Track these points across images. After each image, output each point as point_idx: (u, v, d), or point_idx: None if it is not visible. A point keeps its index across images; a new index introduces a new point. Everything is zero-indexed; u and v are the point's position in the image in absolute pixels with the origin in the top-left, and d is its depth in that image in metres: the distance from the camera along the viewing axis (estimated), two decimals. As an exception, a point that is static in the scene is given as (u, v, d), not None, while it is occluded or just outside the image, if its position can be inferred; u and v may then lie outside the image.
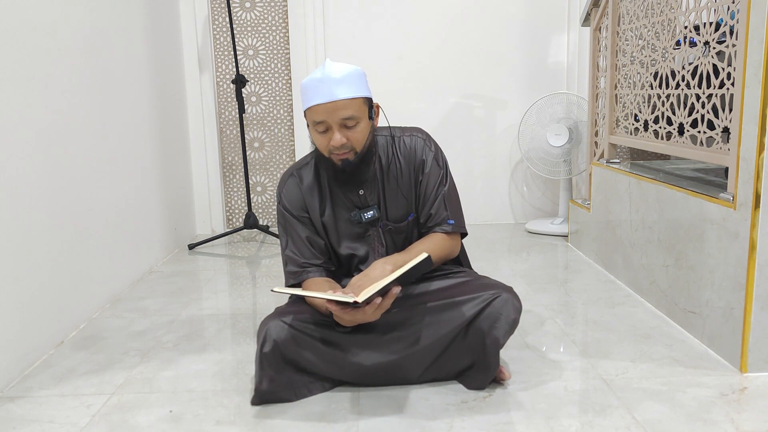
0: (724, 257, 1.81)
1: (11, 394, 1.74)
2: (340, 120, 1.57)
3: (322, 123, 1.58)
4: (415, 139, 1.75)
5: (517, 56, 3.62)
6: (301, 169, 1.77)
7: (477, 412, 1.57)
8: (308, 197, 1.74)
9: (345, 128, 1.59)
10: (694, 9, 2.10)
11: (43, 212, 2.01)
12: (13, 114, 1.86)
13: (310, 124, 1.62)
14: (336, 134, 1.58)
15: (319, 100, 1.55)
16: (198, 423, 1.56)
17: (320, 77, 1.56)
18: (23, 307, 1.88)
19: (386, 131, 1.77)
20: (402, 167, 1.74)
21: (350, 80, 1.57)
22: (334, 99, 1.55)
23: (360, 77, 1.60)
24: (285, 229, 1.77)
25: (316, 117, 1.58)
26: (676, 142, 2.23)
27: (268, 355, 1.61)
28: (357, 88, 1.58)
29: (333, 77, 1.55)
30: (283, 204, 1.76)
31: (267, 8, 3.57)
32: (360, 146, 1.63)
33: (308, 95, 1.58)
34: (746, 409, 1.57)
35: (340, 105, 1.55)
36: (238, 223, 3.76)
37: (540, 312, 2.27)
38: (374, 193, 1.74)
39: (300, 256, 1.74)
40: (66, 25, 2.21)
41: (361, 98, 1.59)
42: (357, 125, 1.60)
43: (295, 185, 1.76)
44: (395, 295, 1.50)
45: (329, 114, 1.56)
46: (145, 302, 2.49)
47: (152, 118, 3.01)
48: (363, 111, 1.61)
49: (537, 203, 3.78)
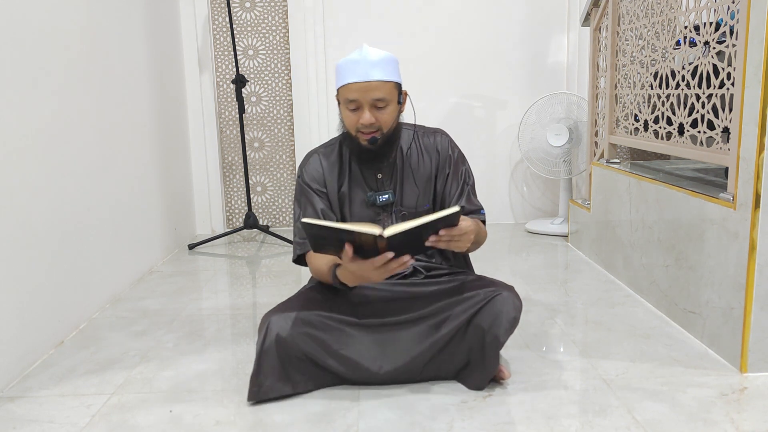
0: (724, 257, 1.81)
1: (11, 394, 1.74)
2: (371, 100, 1.65)
3: (355, 101, 1.66)
4: (442, 137, 1.84)
5: (517, 56, 3.62)
6: (325, 148, 1.85)
7: (477, 412, 1.57)
8: (328, 174, 1.80)
9: (375, 108, 1.67)
10: (694, 9, 2.10)
11: (43, 212, 2.01)
12: (13, 114, 1.86)
13: (342, 102, 1.70)
14: (366, 113, 1.66)
15: (354, 78, 1.64)
16: (198, 423, 1.56)
17: (357, 58, 1.65)
18: (23, 307, 1.88)
19: (411, 126, 1.84)
20: (423, 160, 1.81)
21: (385, 64, 1.66)
22: (368, 79, 1.64)
23: (394, 63, 1.70)
24: (300, 202, 1.82)
25: (349, 95, 1.66)
26: (676, 142, 2.23)
27: (270, 348, 1.62)
28: (390, 73, 1.67)
29: (369, 59, 1.64)
30: (303, 177, 1.82)
31: (267, 8, 3.57)
32: (387, 127, 1.70)
33: (344, 74, 1.67)
34: (746, 409, 1.57)
35: (373, 86, 1.64)
36: (238, 223, 3.76)
37: (540, 312, 2.27)
38: (391, 179, 1.80)
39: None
40: (66, 25, 2.21)
41: (392, 82, 1.68)
42: (386, 107, 1.68)
43: (318, 162, 1.82)
44: (405, 263, 1.48)
45: (362, 93, 1.64)
46: (145, 302, 2.49)
47: (152, 118, 3.01)
48: (393, 95, 1.69)
49: (537, 203, 3.78)
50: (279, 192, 3.77)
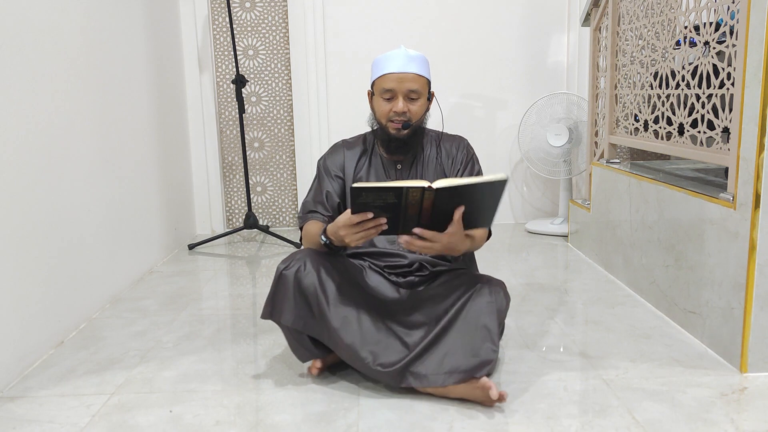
0: (724, 257, 1.81)
1: (11, 394, 1.74)
2: (406, 90, 1.77)
3: (390, 91, 1.78)
4: (460, 140, 1.95)
5: (517, 56, 3.62)
6: (350, 141, 1.96)
7: (477, 412, 1.57)
8: (348, 162, 1.91)
9: (408, 99, 1.79)
10: (694, 9, 2.10)
11: (43, 212, 2.01)
12: (13, 114, 1.86)
13: (377, 92, 1.81)
14: (400, 102, 1.78)
15: (393, 69, 1.76)
16: (198, 423, 1.56)
17: (396, 53, 1.78)
18: (23, 307, 1.88)
19: (435, 132, 1.95)
20: (442, 159, 1.91)
21: (421, 61, 1.80)
22: (406, 71, 1.77)
23: (427, 63, 1.84)
24: (314, 181, 1.92)
25: (386, 84, 1.77)
26: (676, 142, 2.23)
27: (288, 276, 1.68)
28: (425, 69, 1.81)
29: (408, 54, 1.78)
30: (324, 161, 1.92)
31: (267, 8, 3.57)
32: (416, 119, 1.81)
33: (383, 65, 1.79)
34: (746, 409, 1.57)
35: (409, 77, 1.77)
36: (238, 223, 3.76)
37: (540, 312, 2.27)
38: (409, 171, 1.89)
39: (313, 203, 1.88)
40: (66, 26, 2.21)
41: (426, 78, 1.81)
42: (418, 99, 1.80)
43: (341, 151, 1.92)
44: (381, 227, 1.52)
45: (399, 83, 1.76)
46: (145, 302, 2.48)
47: (152, 118, 3.01)
48: (425, 89, 1.81)
49: (537, 203, 3.78)
50: (279, 192, 3.77)
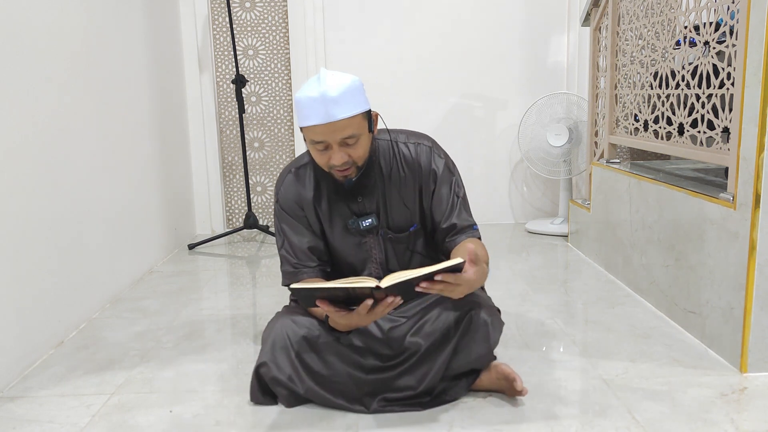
0: (724, 257, 1.81)
1: (11, 394, 1.74)
2: (340, 139, 1.51)
3: (322, 143, 1.52)
4: (420, 147, 1.69)
5: (517, 56, 3.61)
6: (299, 168, 1.72)
7: (477, 412, 1.57)
8: (305, 197, 1.69)
9: (346, 146, 1.53)
10: (694, 9, 2.10)
11: (43, 212, 2.01)
12: (13, 114, 1.86)
13: (307, 141, 1.56)
14: (336, 153, 1.52)
15: (317, 120, 1.48)
16: (198, 423, 1.56)
17: (316, 96, 1.47)
18: (23, 307, 1.88)
19: (387, 135, 1.70)
20: (406, 176, 1.68)
21: (348, 97, 1.49)
22: (333, 120, 1.48)
23: (357, 91, 1.52)
24: (281, 228, 1.72)
25: (314, 137, 1.52)
26: (676, 142, 2.23)
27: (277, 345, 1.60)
28: (355, 105, 1.50)
29: (330, 96, 1.46)
30: (280, 202, 1.71)
31: (267, 8, 3.57)
32: (361, 161, 1.59)
33: (304, 114, 1.50)
34: (746, 409, 1.57)
35: (339, 126, 1.49)
36: (238, 223, 3.76)
37: (540, 312, 2.27)
38: (373, 200, 1.68)
39: (293, 256, 1.70)
40: (65, 26, 2.21)
41: (360, 114, 1.52)
42: (358, 141, 1.54)
43: (293, 184, 1.71)
44: (393, 304, 1.41)
45: (329, 134, 1.50)
46: (145, 302, 2.48)
47: (152, 118, 3.01)
48: (363, 126, 1.54)
49: (537, 203, 3.78)
50: (279, 192, 3.77)
